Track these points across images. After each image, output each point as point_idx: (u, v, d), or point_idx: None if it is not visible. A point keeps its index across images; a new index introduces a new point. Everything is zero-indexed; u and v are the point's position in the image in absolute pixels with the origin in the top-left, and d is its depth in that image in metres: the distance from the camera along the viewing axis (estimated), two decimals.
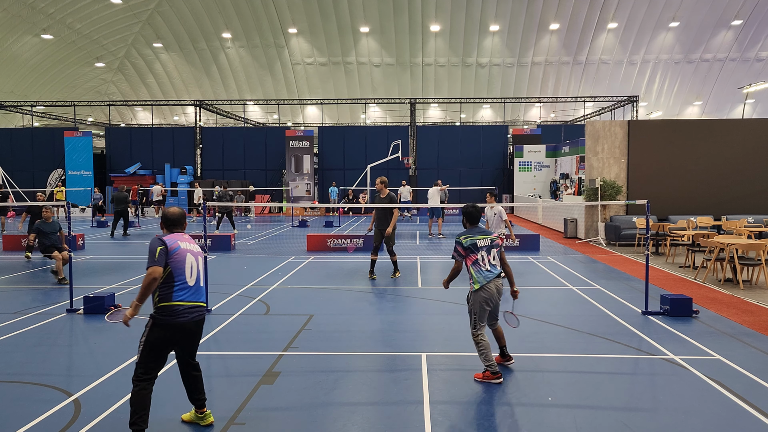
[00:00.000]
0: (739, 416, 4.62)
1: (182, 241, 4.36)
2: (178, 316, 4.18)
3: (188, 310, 4.23)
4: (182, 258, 4.25)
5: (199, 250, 4.48)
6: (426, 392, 5.14)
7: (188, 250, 4.33)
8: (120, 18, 44.68)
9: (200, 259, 4.42)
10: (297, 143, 30.70)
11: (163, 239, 4.25)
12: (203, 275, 4.44)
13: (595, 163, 17.25)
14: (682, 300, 7.85)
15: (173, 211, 4.52)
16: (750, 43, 47.97)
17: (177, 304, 4.19)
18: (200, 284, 4.37)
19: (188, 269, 4.28)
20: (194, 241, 4.52)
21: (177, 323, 4.18)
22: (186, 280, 4.25)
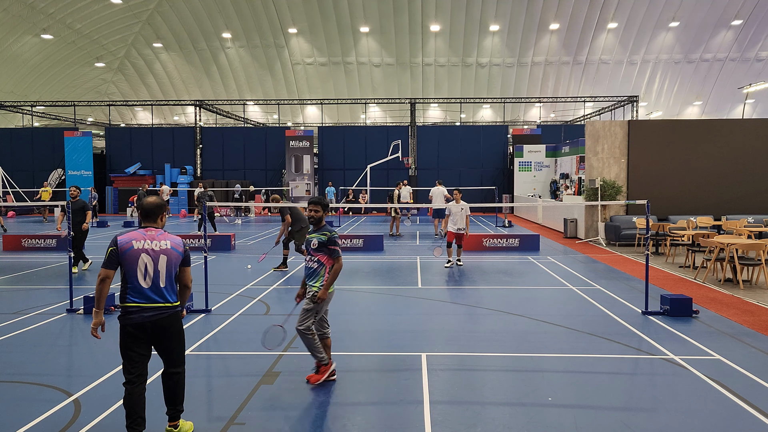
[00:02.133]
0: (739, 416, 4.62)
1: (139, 239, 4.11)
2: (131, 316, 4.05)
3: (143, 310, 4.06)
4: (134, 258, 4.06)
5: (166, 247, 4.14)
6: (426, 392, 5.14)
7: (143, 250, 4.08)
8: (120, 18, 44.66)
9: (162, 257, 4.11)
10: (297, 143, 30.70)
11: (117, 239, 4.11)
12: (165, 274, 4.13)
13: (595, 163, 17.25)
14: (682, 300, 7.85)
15: (148, 201, 4.26)
16: (750, 43, 47.96)
17: (130, 306, 4.06)
18: (160, 284, 4.11)
19: (140, 270, 4.07)
20: (162, 238, 4.17)
21: (133, 323, 4.05)
22: (138, 281, 4.07)
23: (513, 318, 7.82)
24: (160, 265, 4.11)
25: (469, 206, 12.28)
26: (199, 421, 4.56)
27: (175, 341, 4.23)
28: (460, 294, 9.52)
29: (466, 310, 8.33)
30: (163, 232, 4.24)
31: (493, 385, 5.33)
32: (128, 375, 4.07)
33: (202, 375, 5.67)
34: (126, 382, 4.06)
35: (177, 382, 4.27)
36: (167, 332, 4.16)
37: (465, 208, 12.15)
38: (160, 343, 4.18)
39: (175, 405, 4.27)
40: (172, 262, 4.17)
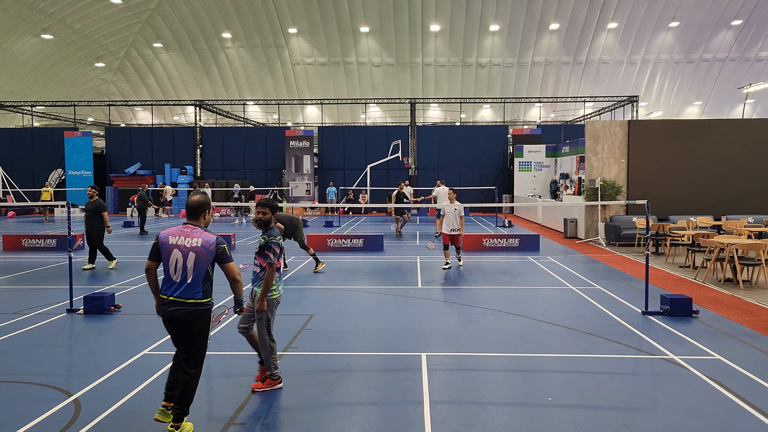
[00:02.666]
0: (739, 416, 4.62)
1: (175, 235, 4.30)
2: (163, 306, 4.30)
3: (169, 303, 4.27)
4: (168, 253, 4.28)
5: (196, 245, 4.25)
6: (426, 392, 5.14)
7: (176, 245, 4.26)
8: (120, 18, 44.67)
9: (191, 255, 4.24)
10: (297, 143, 30.70)
11: (159, 233, 4.38)
12: (192, 272, 4.24)
13: (595, 163, 17.25)
14: (682, 300, 7.85)
15: (192, 199, 4.46)
16: (750, 43, 47.96)
17: (162, 297, 4.32)
18: (186, 281, 4.24)
19: (171, 264, 4.26)
20: (196, 236, 4.29)
21: (163, 314, 4.30)
22: (170, 275, 4.29)
23: (513, 318, 7.82)
24: (188, 262, 4.25)
25: (463, 206, 12.10)
26: (199, 421, 4.56)
27: (192, 341, 4.30)
28: (460, 294, 9.52)
29: (466, 310, 8.33)
30: (201, 230, 4.35)
31: (493, 385, 5.33)
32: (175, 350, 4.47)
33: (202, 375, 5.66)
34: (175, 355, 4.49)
35: (188, 383, 4.29)
36: (186, 330, 4.28)
37: (459, 209, 11.97)
38: (180, 339, 4.34)
39: (182, 406, 4.26)
40: (201, 260, 4.26)
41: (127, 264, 12.87)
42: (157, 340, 6.76)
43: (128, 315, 8.08)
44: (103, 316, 7.97)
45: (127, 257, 14.05)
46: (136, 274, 11.46)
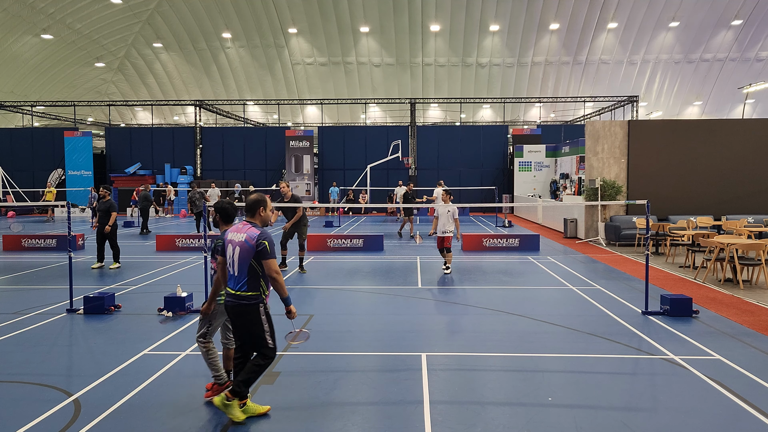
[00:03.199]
0: (739, 416, 4.62)
1: (233, 231, 4.59)
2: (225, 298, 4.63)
3: (228, 295, 4.60)
4: (226, 247, 4.60)
5: (241, 240, 4.50)
6: (426, 392, 5.14)
7: (231, 240, 4.55)
8: (120, 18, 44.67)
9: (237, 249, 4.50)
10: (297, 143, 30.70)
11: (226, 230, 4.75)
12: (238, 266, 4.50)
13: (595, 163, 17.25)
14: (682, 300, 7.85)
15: (249, 197, 4.69)
16: (750, 43, 47.96)
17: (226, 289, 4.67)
18: (234, 273, 4.53)
19: (228, 258, 4.58)
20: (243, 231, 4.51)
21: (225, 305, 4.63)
22: (228, 268, 4.60)
23: (513, 318, 7.82)
24: (236, 256, 4.49)
25: (457, 208, 11.60)
26: (199, 422, 4.56)
27: (245, 330, 4.53)
28: (460, 294, 9.52)
29: (466, 310, 8.33)
30: (251, 225, 4.56)
31: (493, 385, 5.33)
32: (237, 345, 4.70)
33: (202, 375, 5.66)
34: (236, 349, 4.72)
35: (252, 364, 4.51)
36: (238, 320, 4.53)
37: (453, 210, 11.45)
38: (238, 329, 4.58)
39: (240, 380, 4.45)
40: (244, 254, 4.46)
41: (126, 264, 12.87)
42: (157, 340, 6.76)
43: (128, 315, 8.08)
44: (103, 316, 7.97)
45: (127, 257, 14.05)
46: (136, 275, 11.46)
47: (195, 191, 21.44)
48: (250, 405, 4.57)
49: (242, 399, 4.49)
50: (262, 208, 4.63)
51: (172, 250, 15.35)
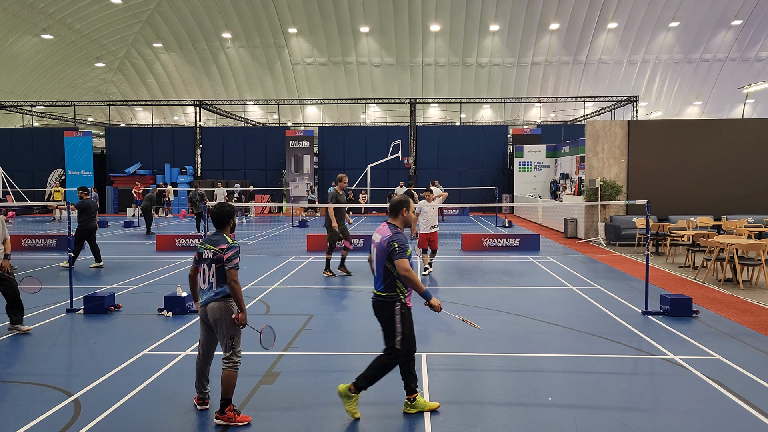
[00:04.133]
0: (739, 416, 4.62)
1: (375, 233, 4.71)
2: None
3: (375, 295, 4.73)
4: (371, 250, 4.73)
5: (377, 241, 4.62)
6: (426, 392, 5.14)
7: (373, 241, 4.72)
8: (120, 18, 44.66)
9: (375, 250, 4.63)
10: (297, 143, 30.70)
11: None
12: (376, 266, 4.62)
13: (595, 163, 17.25)
14: (682, 300, 7.85)
15: (393, 199, 4.82)
16: (750, 43, 47.95)
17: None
18: (374, 273, 4.67)
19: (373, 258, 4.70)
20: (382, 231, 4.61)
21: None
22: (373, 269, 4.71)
23: (513, 318, 7.81)
24: (374, 256, 4.67)
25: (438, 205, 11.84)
26: (199, 421, 4.56)
27: (384, 327, 4.68)
28: (460, 294, 9.52)
29: (466, 310, 8.33)
30: (387, 226, 4.64)
31: (493, 385, 5.33)
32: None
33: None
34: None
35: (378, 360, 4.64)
36: (378, 317, 4.69)
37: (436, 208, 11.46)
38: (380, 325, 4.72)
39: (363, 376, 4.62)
40: (380, 255, 4.58)
41: (126, 264, 12.87)
42: (157, 340, 6.76)
43: (128, 315, 8.08)
44: (103, 316, 7.97)
45: (127, 257, 14.05)
46: (136, 275, 11.46)
47: (196, 192, 21.44)
48: (420, 400, 4.69)
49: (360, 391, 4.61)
50: (405, 209, 4.69)
51: (172, 250, 15.35)
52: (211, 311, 4.51)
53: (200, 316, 4.65)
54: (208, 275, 4.53)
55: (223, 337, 4.53)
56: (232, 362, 4.51)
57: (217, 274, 4.49)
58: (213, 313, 4.51)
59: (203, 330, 4.69)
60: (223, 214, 4.66)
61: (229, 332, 4.51)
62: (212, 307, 4.51)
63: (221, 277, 4.49)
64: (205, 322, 4.62)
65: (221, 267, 4.48)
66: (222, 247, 4.50)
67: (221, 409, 4.50)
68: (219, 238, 4.58)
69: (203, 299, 4.58)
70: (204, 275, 4.57)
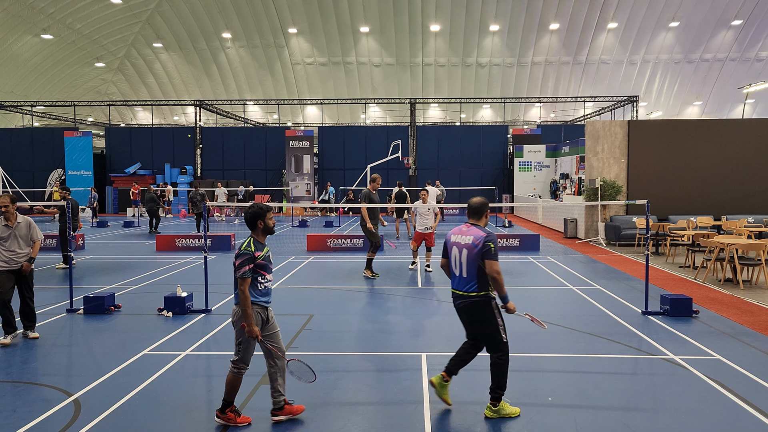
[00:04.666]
0: (739, 416, 4.62)
1: (457, 234, 4.73)
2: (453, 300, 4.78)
3: (456, 296, 4.73)
4: (450, 249, 4.75)
5: (467, 242, 4.59)
6: (426, 392, 5.14)
7: (455, 243, 4.68)
8: (120, 18, 44.65)
9: (464, 251, 4.60)
10: (297, 143, 30.69)
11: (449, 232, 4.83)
12: (466, 266, 4.59)
13: (595, 163, 17.25)
14: (682, 300, 7.85)
15: (475, 200, 4.84)
16: (750, 43, 47.94)
17: (451, 290, 4.79)
18: (463, 275, 4.62)
19: (453, 260, 4.71)
20: (469, 234, 4.63)
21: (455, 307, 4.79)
22: (453, 270, 4.73)
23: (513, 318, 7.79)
24: (463, 258, 4.62)
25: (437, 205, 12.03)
26: (199, 421, 4.56)
27: (479, 328, 4.68)
28: None
29: None
30: (474, 227, 4.69)
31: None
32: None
33: (202, 375, 5.67)
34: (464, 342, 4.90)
35: (494, 368, 4.61)
36: (470, 318, 4.70)
37: (433, 207, 11.70)
38: (469, 327, 4.75)
39: (496, 388, 4.58)
40: (472, 256, 4.58)
41: (126, 264, 12.87)
42: (157, 340, 6.76)
43: (128, 315, 8.08)
44: (103, 316, 7.97)
45: (127, 257, 14.06)
46: (136, 275, 11.46)
47: (196, 191, 21.43)
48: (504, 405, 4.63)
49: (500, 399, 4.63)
50: (488, 211, 4.82)
51: (172, 250, 15.35)
52: (233, 313, 4.52)
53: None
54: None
55: (235, 341, 4.50)
56: (237, 367, 4.46)
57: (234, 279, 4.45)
58: (232, 316, 4.52)
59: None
60: (248, 215, 4.60)
61: (237, 338, 4.47)
62: (234, 309, 4.51)
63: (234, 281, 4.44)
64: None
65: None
66: (237, 252, 4.45)
67: (222, 408, 4.49)
68: (244, 241, 4.54)
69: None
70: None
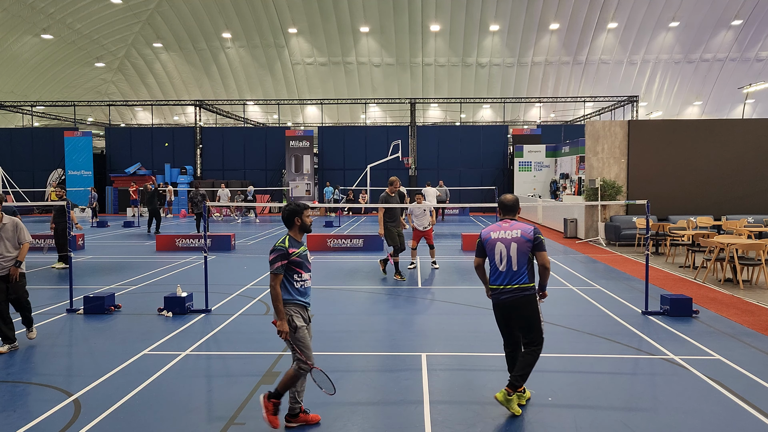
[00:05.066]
0: (739, 416, 4.62)
1: (496, 230, 4.80)
2: (493, 296, 4.81)
3: (499, 291, 4.74)
4: (491, 247, 4.78)
5: (516, 236, 4.69)
6: (426, 392, 5.14)
7: (498, 239, 4.76)
8: (120, 18, 44.66)
9: (513, 245, 4.69)
10: (297, 143, 30.70)
11: (481, 232, 4.89)
12: (516, 260, 4.67)
13: (595, 163, 17.25)
14: (682, 300, 7.85)
15: (508, 198, 4.95)
16: (750, 43, 47.95)
17: (491, 287, 4.82)
18: (512, 268, 4.69)
19: (497, 256, 4.74)
20: (514, 228, 4.73)
21: (494, 304, 4.81)
22: (495, 266, 4.76)
23: None
24: (513, 252, 4.71)
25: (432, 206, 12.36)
26: (199, 421, 4.56)
27: (525, 321, 4.73)
28: (460, 294, 9.52)
29: (466, 310, 8.33)
30: (516, 222, 4.84)
31: (493, 385, 5.33)
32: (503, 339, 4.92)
33: (202, 375, 5.67)
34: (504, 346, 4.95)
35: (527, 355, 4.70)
36: (519, 312, 4.71)
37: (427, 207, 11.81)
38: (515, 323, 4.78)
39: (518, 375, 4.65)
40: (522, 249, 4.70)
41: (126, 264, 12.87)
42: (157, 340, 6.76)
43: (128, 315, 8.08)
44: (103, 316, 7.97)
45: (127, 257, 14.06)
46: (136, 275, 11.46)
47: (197, 191, 21.42)
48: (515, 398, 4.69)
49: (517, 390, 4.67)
50: (519, 208, 4.98)
51: (172, 250, 15.36)
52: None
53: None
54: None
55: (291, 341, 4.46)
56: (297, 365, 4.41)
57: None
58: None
59: None
60: (286, 213, 4.57)
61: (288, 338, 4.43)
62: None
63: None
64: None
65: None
66: (272, 248, 4.45)
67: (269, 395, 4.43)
68: (281, 238, 4.53)
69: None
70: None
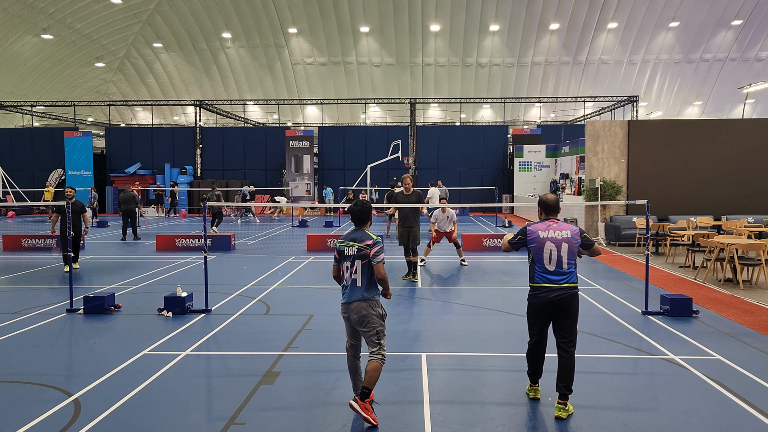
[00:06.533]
0: (739, 416, 4.62)
1: (545, 230, 4.78)
2: (537, 294, 4.74)
3: (546, 290, 4.70)
4: (540, 245, 4.75)
5: (567, 236, 4.73)
6: (426, 392, 5.14)
7: (548, 239, 4.74)
8: (120, 18, 44.66)
9: (564, 245, 4.70)
10: (297, 143, 30.69)
11: (526, 228, 4.87)
12: (567, 259, 4.70)
13: (595, 163, 17.25)
14: (682, 300, 7.85)
15: (550, 198, 4.96)
16: (750, 43, 47.95)
17: (536, 286, 4.76)
18: (563, 268, 4.69)
19: (546, 255, 4.72)
20: (563, 228, 4.76)
21: (536, 302, 4.76)
22: (544, 265, 4.73)
23: (513, 318, 7.81)
24: (564, 251, 4.72)
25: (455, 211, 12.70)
26: (199, 422, 4.56)
27: (569, 320, 4.72)
28: (460, 294, 9.52)
29: (466, 310, 8.33)
30: (561, 222, 4.87)
31: (493, 385, 5.33)
32: (531, 339, 4.87)
33: (202, 375, 5.67)
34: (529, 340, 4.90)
35: (570, 360, 4.65)
36: (568, 310, 4.70)
37: (450, 215, 12.48)
38: (558, 321, 4.74)
39: (567, 383, 4.61)
40: (572, 248, 4.76)
41: (126, 264, 12.87)
42: (157, 340, 6.76)
43: (128, 315, 8.08)
44: (103, 316, 7.97)
45: (127, 257, 14.05)
46: (136, 275, 11.46)
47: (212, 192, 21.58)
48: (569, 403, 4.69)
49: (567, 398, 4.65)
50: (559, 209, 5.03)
51: (172, 250, 15.35)
52: (356, 309, 4.65)
53: (342, 312, 4.76)
54: (352, 271, 4.67)
55: (370, 333, 4.65)
56: (381, 355, 4.61)
57: (362, 270, 4.65)
58: (358, 311, 4.65)
59: (347, 326, 4.80)
60: (365, 211, 4.79)
61: (375, 328, 4.65)
62: (357, 306, 4.65)
63: (366, 273, 4.65)
64: (348, 319, 4.73)
65: (367, 263, 4.64)
66: (367, 243, 4.64)
67: (361, 396, 4.49)
68: (361, 234, 4.71)
69: (347, 297, 4.70)
70: (348, 272, 4.70)
